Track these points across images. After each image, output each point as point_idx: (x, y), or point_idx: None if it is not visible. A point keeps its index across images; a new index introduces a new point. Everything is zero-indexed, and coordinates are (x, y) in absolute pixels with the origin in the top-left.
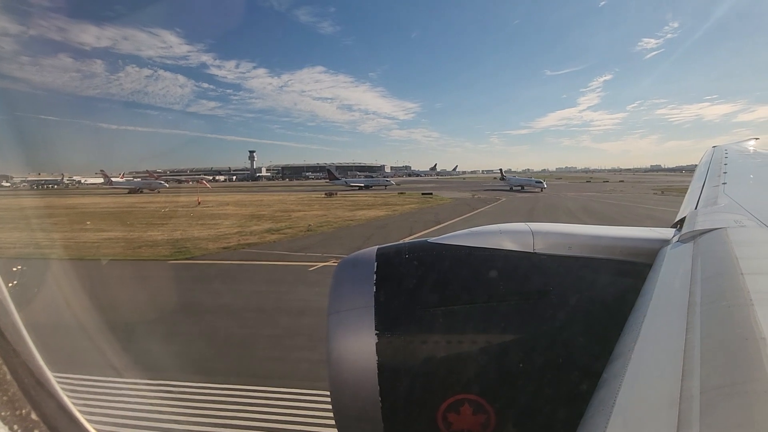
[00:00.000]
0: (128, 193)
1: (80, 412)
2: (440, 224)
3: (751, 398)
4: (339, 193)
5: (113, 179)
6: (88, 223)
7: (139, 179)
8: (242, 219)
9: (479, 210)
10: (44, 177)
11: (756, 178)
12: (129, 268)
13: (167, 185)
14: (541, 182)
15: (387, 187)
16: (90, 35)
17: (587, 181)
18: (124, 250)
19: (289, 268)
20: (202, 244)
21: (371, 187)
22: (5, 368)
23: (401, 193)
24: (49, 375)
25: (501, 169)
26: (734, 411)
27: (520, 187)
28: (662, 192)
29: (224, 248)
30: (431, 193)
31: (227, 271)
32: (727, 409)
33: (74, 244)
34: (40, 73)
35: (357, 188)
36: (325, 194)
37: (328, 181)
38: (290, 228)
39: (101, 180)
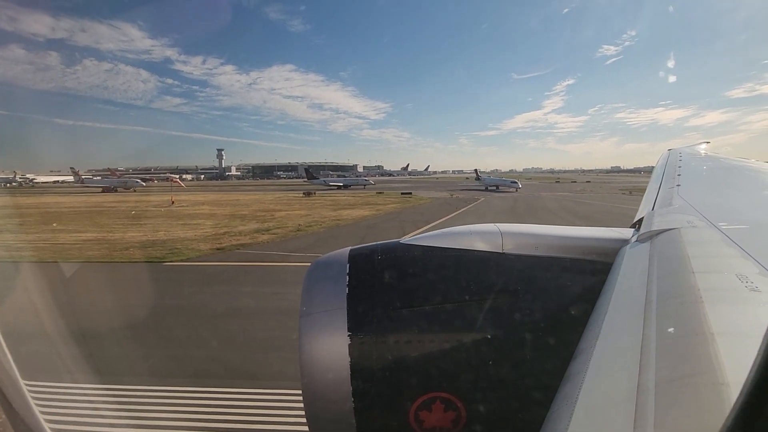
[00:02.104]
0: (102, 191)
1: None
2: (429, 223)
3: (700, 390)
4: (317, 192)
5: (69, 177)
6: (54, 225)
7: (99, 177)
8: (224, 219)
9: (463, 209)
10: None
11: (707, 181)
12: (126, 272)
13: (144, 183)
14: (516, 182)
15: (365, 186)
16: (44, 26)
17: (556, 182)
18: (111, 252)
19: (294, 270)
20: (192, 245)
21: (349, 186)
22: None
23: (380, 193)
24: (20, 381)
25: (476, 170)
26: (685, 402)
27: (495, 187)
28: (630, 192)
29: (218, 249)
30: (410, 193)
31: (232, 273)
32: (679, 400)
33: (54, 246)
34: None
35: (335, 188)
36: (303, 194)
37: (306, 180)
38: (279, 228)
39: (54, 179)
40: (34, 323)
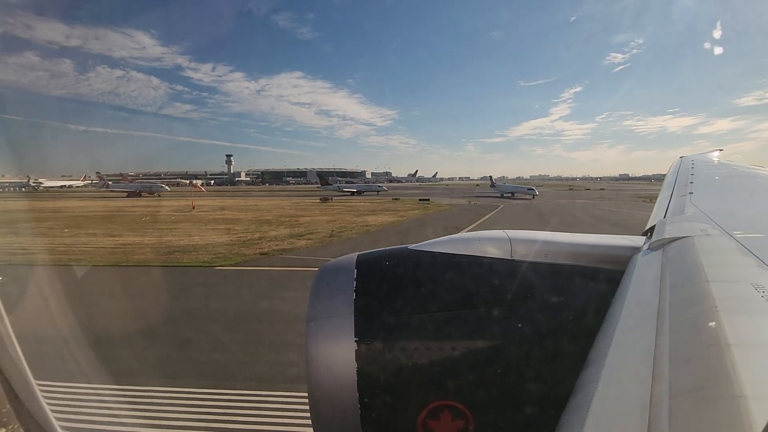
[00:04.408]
0: (127, 196)
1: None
2: (461, 230)
3: (716, 403)
4: (332, 198)
5: (78, 181)
6: (64, 228)
7: (110, 182)
8: (251, 224)
9: (488, 216)
10: (9, 179)
11: (720, 188)
12: (185, 276)
13: (168, 189)
14: (533, 189)
15: (379, 192)
16: (59, 34)
17: (569, 189)
18: (157, 256)
19: None
20: (234, 250)
21: (363, 192)
22: None
23: (395, 199)
24: (33, 383)
25: (491, 176)
26: (700, 415)
27: (510, 194)
28: (650, 200)
29: (261, 254)
30: (428, 199)
31: (288, 278)
32: (694, 413)
33: (96, 250)
34: (4, 71)
35: (349, 193)
36: (320, 199)
37: (319, 186)
38: (311, 233)
39: (62, 183)
40: (135, 326)
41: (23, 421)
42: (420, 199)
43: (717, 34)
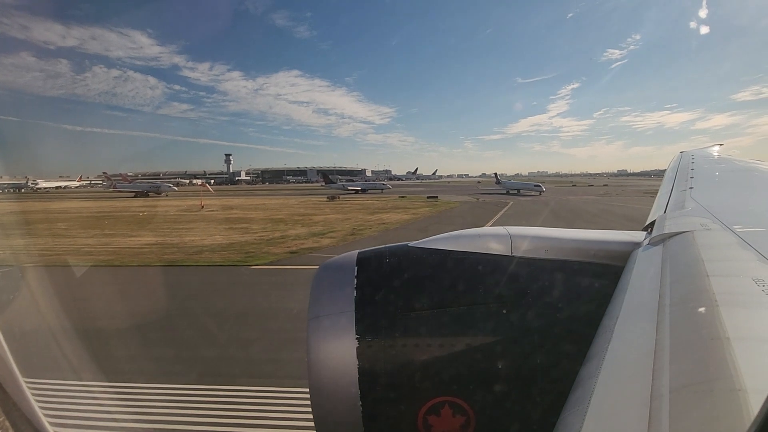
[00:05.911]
0: (134, 196)
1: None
2: (479, 228)
3: (716, 396)
4: (340, 196)
5: (73, 182)
6: (81, 229)
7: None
8: (266, 223)
9: (502, 212)
10: (7, 180)
11: (720, 183)
12: (227, 275)
13: (176, 188)
14: (540, 186)
15: (383, 191)
16: (55, 34)
17: (572, 185)
18: (188, 256)
19: None
20: (263, 249)
21: (367, 191)
22: None
23: (402, 197)
24: (21, 380)
25: (496, 173)
26: (701, 409)
27: (516, 191)
28: (656, 195)
29: (291, 253)
30: (437, 197)
31: None
32: (694, 407)
33: (122, 250)
34: (0, 71)
35: (353, 192)
36: (328, 198)
37: (323, 184)
38: (332, 232)
39: (57, 184)
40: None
41: (11, 418)
42: (428, 197)
43: (714, 29)
